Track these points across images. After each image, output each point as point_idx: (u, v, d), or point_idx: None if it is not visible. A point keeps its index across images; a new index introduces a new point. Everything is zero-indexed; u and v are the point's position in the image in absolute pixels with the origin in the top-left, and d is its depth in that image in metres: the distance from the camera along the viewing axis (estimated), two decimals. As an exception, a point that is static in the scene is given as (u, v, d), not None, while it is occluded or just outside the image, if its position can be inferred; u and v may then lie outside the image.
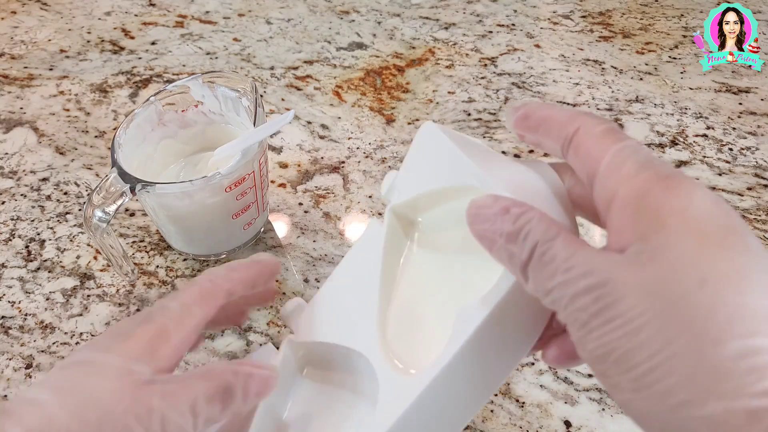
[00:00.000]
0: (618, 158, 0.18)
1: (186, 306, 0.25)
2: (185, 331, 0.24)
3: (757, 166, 0.56)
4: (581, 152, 0.19)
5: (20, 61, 0.68)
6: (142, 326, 0.24)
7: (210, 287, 0.27)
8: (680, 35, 0.75)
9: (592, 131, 0.19)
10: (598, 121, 0.19)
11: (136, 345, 0.23)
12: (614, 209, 0.17)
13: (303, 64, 0.68)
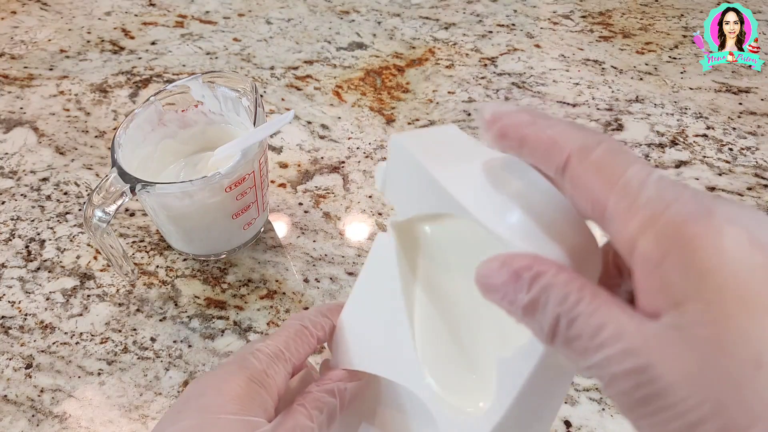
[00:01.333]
0: (625, 201, 0.15)
1: (278, 351, 0.26)
2: (281, 377, 0.25)
3: (757, 166, 0.56)
4: (579, 187, 0.16)
5: (20, 61, 0.68)
6: (241, 376, 0.24)
7: (301, 332, 0.27)
8: (680, 35, 0.75)
9: (586, 159, 0.16)
10: (589, 143, 0.16)
11: (244, 398, 0.23)
12: (637, 266, 0.15)
13: (303, 64, 0.68)
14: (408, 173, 0.21)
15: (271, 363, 0.25)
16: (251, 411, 0.23)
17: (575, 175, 0.16)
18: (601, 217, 0.16)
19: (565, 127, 0.17)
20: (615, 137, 0.59)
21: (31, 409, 0.39)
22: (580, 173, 0.16)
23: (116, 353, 0.42)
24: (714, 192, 0.53)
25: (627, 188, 0.15)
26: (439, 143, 0.21)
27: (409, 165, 0.21)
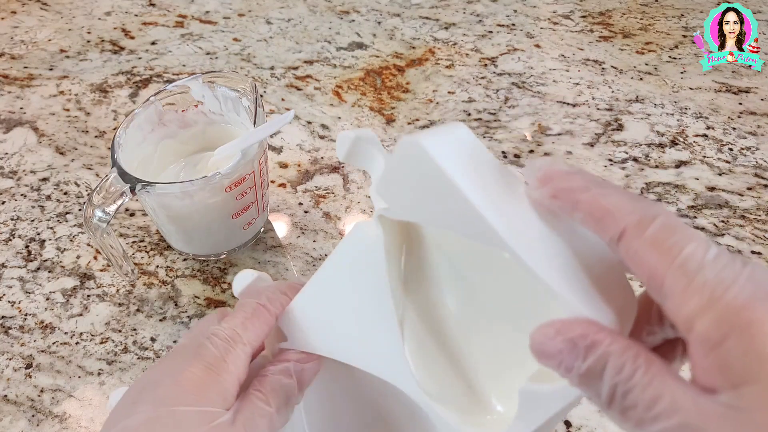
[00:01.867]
0: (683, 280, 0.15)
1: (235, 335, 0.24)
2: (240, 362, 0.24)
3: (757, 166, 0.56)
4: (635, 261, 0.17)
5: (20, 61, 0.68)
6: (197, 365, 0.23)
7: (259, 311, 0.26)
8: (680, 35, 0.75)
9: (642, 234, 0.16)
10: (646, 216, 0.17)
11: (201, 387, 0.22)
12: (695, 344, 0.15)
13: (303, 64, 0.68)
14: (426, 183, 0.19)
15: (229, 348, 0.24)
16: (209, 401, 0.22)
17: (631, 249, 0.17)
18: (657, 291, 0.16)
19: (620, 198, 0.17)
20: (615, 137, 0.59)
21: (31, 409, 0.39)
22: (636, 247, 0.16)
23: (116, 353, 0.42)
24: (714, 192, 0.54)
25: (684, 267, 0.15)
26: (464, 155, 0.20)
27: (430, 176, 0.19)
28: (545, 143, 0.58)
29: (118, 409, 0.22)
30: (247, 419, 0.23)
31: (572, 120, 0.61)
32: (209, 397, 0.22)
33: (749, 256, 0.48)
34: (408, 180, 0.20)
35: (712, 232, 0.50)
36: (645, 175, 0.55)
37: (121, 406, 0.23)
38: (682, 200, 0.53)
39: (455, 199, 0.18)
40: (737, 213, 0.51)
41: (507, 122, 0.61)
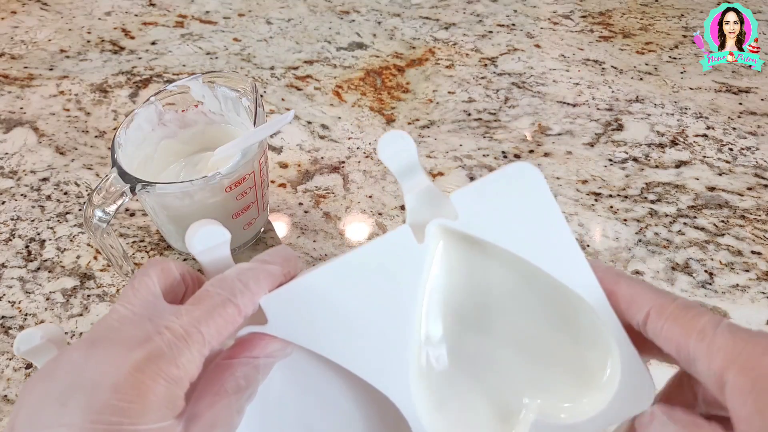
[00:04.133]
0: (706, 340, 0.18)
1: (194, 332, 0.20)
2: (195, 366, 0.20)
3: (757, 166, 0.56)
4: (663, 336, 0.20)
5: (20, 61, 0.68)
6: (145, 368, 0.19)
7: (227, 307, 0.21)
8: (680, 35, 0.75)
9: (665, 312, 0.20)
10: (665, 300, 0.20)
11: (147, 396, 0.18)
12: (731, 396, 0.17)
13: (303, 64, 0.68)
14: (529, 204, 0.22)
15: (184, 349, 0.19)
16: (155, 415, 0.18)
17: (656, 326, 0.20)
18: (686, 358, 0.19)
19: (641, 288, 0.21)
20: (615, 137, 0.59)
21: (31, 409, 0.39)
22: (661, 324, 0.20)
23: (116, 353, 0.42)
24: (714, 192, 0.54)
25: (704, 333, 0.19)
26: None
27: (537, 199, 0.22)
28: (545, 143, 0.58)
29: (42, 402, 0.18)
30: (206, 428, 0.20)
31: (572, 120, 0.61)
32: (155, 410, 0.18)
33: (749, 257, 0.48)
34: (508, 198, 0.22)
35: (712, 232, 0.50)
36: (645, 175, 0.55)
37: (47, 400, 0.18)
38: (682, 200, 0.53)
39: (553, 223, 0.22)
40: (737, 213, 0.51)
41: (507, 122, 0.61)
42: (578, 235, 0.49)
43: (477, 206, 0.23)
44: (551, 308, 0.24)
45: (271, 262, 0.23)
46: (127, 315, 0.21)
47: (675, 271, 0.46)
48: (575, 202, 0.52)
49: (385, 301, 0.23)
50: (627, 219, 0.51)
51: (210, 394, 0.21)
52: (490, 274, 0.25)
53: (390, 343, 0.23)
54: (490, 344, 0.25)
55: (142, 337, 0.20)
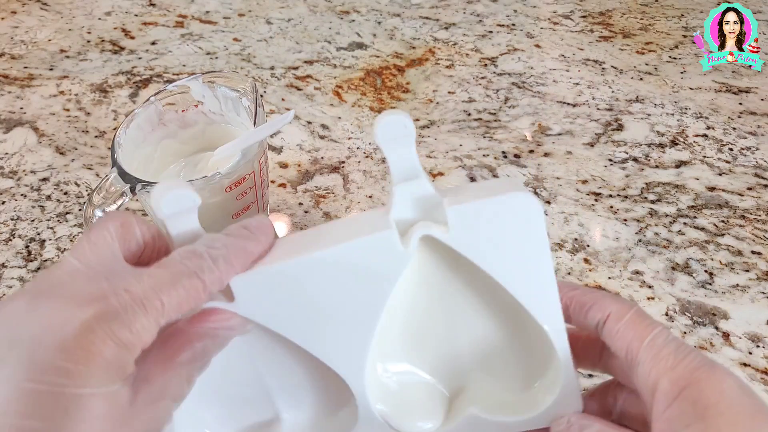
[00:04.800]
0: (653, 349, 0.21)
1: (155, 301, 0.19)
2: (149, 335, 0.19)
3: (757, 166, 0.56)
4: (617, 337, 0.22)
5: (20, 61, 0.68)
6: (96, 329, 0.17)
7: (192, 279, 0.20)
8: (680, 35, 0.75)
9: (623, 317, 0.22)
10: (623, 307, 0.23)
11: (93, 357, 0.17)
12: (659, 400, 0.20)
13: (303, 64, 0.68)
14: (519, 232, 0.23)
15: (141, 314, 0.18)
16: (103, 379, 0.17)
17: (613, 328, 0.22)
18: (631, 361, 0.22)
19: (604, 295, 0.24)
20: (615, 137, 0.59)
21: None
22: (618, 328, 0.22)
23: (116, 353, 0.42)
24: (714, 192, 0.54)
25: (654, 341, 0.21)
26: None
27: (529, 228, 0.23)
28: (545, 143, 0.58)
29: None
30: (154, 399, 0.19)
31: (572, 120, 0.61)
32: (102, 373, 0.17)
33: (749, 256, 0.48)
34: (503, 224, 0.22)
35: (712, 232, 0.50)
36: (645, 175, 0.55)
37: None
38: (682, 200, 0.53)
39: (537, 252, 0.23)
40: (737, 213, 0.51)
41: (507, 122, 0.61)
42: (578, 235, 0.49)
43: (471, 225, 0.23)
44: (508, 328, 0.26)
45: (247, 237, 0.22)
46: (80, 269, 0.19)
47: (675, 271, 0.46)
48: (575, 202, 0.52)
49: (357, 298, 0.23)
50: (627, 219, 0.51)
51: (162, 361, 0.20)
52: (456, 286, 0.26)
53: (353, 336, 0.24)
54: (446, 344, 0.27)
55: (95, 295, 0.18)
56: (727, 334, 0.42)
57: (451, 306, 0.26)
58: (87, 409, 0.17)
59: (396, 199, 0.23)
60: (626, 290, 0.45)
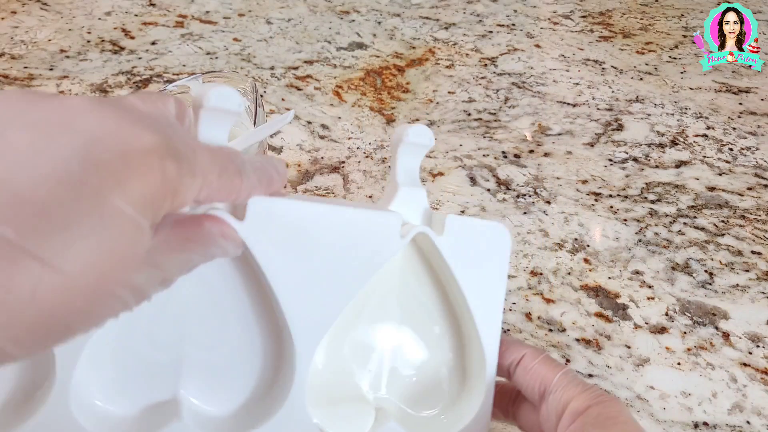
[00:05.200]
0: (563, 381, 0.25)
1: (204, 167, 0.18)
2: (187, 197, 0.17)
3: (757, 166, 0.56)
4: (532, 372, 0.26)
5: (20, 61, 0.68)
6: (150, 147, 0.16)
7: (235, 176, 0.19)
8: (680, 35, 0.75)
9: (536, 358, 0.27)
10: (537, 350, 0.27)
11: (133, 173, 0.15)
12: (565, 418, 0.24)
13: (303, 64, 0.68)
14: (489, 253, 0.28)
15: (191, 175, 0.17)
16: (142, 207, 0.15)
17: (528, 365, 0.27)
18: (544, 391, 0.26)
19: (518, 340, 0.29)
20: (615, 137, 0.59)
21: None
22: (533, 365, 0.27)
23: (116, 353, 0.42)
24: (714, 192, 0.54)
25: (566, 376, 0.26)
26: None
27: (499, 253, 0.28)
28: (545, 143, 0.58)
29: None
30: (170, 256, 0.18)
31: (572, 120, 0.61)
32: (142, 200, 0.15)
33: (749, 256, 0.48)
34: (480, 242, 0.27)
35: (712, 232, 0.50)
36: (645, 175, 0.55)
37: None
38: (682, 200, 0.53)
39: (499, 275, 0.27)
40: (737, 213, 0.51)
41: (507, 122, 0.61)
42: (578, 235, 0.49)
43: (460, 235, 0.26)
44: (448, 346, 0.29)
45: (275, 167, 0.22)
46: (143, 108, 0.18)
47: (675, 271, 0.46)
48: (575, 202, 0.52)
49: (348, 264, 0.24)
50: (627, 219, 0.51)
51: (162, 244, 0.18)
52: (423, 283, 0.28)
53: (327, 302, 0.24)
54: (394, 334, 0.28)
55: (160, 131, 0.17)
56: (727, 334, 0.42)
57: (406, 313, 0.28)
58: (113, 221, 0.15)
59: (399, 196, 0.26)
60: (626, 290, 0.45)
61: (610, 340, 0.41)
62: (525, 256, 0.47)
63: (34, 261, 0.14)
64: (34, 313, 0.14)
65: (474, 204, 0.51)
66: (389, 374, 0.28)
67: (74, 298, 0.14)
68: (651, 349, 0.41)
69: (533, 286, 0.45)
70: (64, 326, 0.15)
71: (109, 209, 0.15)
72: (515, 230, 0.49)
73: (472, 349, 0.28)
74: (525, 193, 0.53)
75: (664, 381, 0.39)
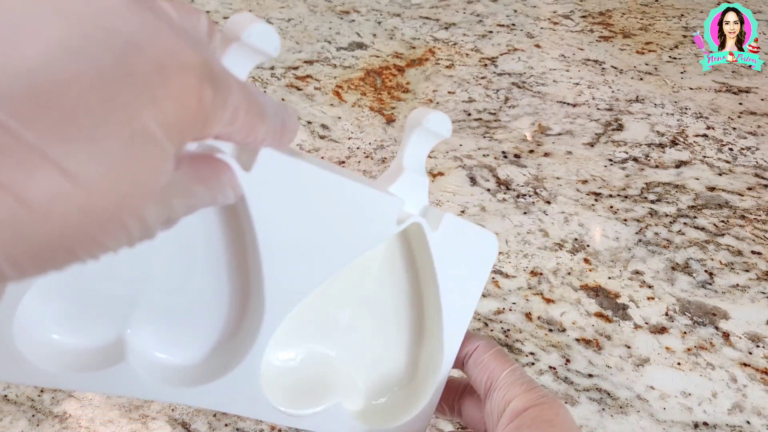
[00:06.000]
0: (509, 379, 0.26)
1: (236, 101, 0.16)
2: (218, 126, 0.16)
3: (757, 166, 0.56)
4: (482, 365, 0.27)
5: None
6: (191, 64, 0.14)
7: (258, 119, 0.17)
8: (680, 35, 0.75)
9: (487, 351, 0.27)
10: (490, 343, 0.28)
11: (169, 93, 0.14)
12: (505, 416, 0.25)
13: (303, 64, 0.68)
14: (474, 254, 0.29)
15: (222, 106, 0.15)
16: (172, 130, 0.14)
17: (479, 358, 0.27)
18: (490, 386, 0.26)
19: (475, 334, 0.29)
20: (615, 137, 0.59)
21: (31, 409, 0.39)
22: (483, 359, 0.27)
23: (116, 353, 0.42)
24: (714, 192, 0.54)
25: (512, 374, 0.26)
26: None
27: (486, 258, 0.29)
28: (545, 143, 0.58)
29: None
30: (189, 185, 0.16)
31: (572, 120, 0.61)
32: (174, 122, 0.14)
33: (749, 256, 0.48)
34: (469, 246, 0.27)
35: (712, 232, 0.50)
36: (645, 175, 0.55)
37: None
38: (682, 200, 0.53)
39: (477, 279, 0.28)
40: (737, 213, 0.51)
41: (507, 122, 0.61)
42: (578, 235, 0.49)
43: (452, 235, 0.26)
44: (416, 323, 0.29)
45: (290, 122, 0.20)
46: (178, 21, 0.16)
47: (675, 271, 0.46)
48: (575, 202, 0.52)
49: (339, 238, 0.24)
50: (627, 219, 0.51)
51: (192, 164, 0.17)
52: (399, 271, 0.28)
53: (309, 272, 0.24)
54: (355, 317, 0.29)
55: (198, 48, 0.15)
56: (727, 334, 0.42)
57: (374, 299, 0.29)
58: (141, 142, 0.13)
59: (402, 180, 0.25)
60: (626, 290, 0.45)
61: (610, 340, 0.41)
62: (525, 256, 0.47)
63: (55, 169, 0.12)
64: (45, 231, 0.12)
65: (474, 204, 0.51)
66: (345, 355, 0.28)
67: (88, 220, 0.13)
68: (651, 349, 0.41)
69: (533, 286, 0.45)
70: (68, 251, 0.13)
71: (139, 128, 0.13)
72: (515, 230, 0.49)
73: (429, 347, 0.29)
74: (525, 193, 0.53)
75: (664, 381, 0.39)
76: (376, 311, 0.29)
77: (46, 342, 0.22)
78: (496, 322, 0.42)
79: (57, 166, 0.12)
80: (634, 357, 0.40)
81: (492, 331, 0.41)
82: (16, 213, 0.12)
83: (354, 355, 0.28)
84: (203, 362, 0.24)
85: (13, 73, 0.12)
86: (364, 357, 0.29)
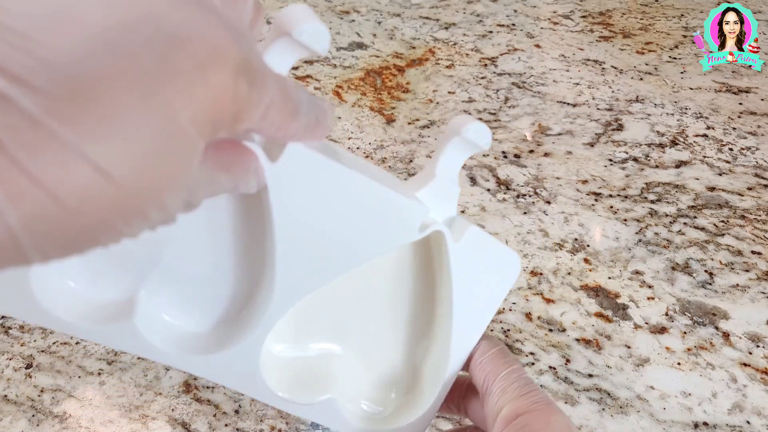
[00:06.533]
0: (505, 382, 0.25)
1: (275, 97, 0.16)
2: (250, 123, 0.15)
3: (757, 166, 0.56)
4: (480, 368, 0.27)
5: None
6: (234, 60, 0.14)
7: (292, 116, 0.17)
8: (680, 35, 0.75)
9: (487, 352, 0.27)
10: (491, 343, 0.27)
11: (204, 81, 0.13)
12: (497, 424, 0.24)
13: (303, 64, 0.68)
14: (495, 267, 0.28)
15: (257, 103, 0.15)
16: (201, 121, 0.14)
17: (477, 360, 0.27)
18: (487, 388, 0.26)
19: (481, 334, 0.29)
20: (615, 137, 0.59)
21: (31, 409, 0.39)
22: (482, 360, 0.27)
23: (116, 353, 0.42)
24: (714, 192, 0.54)
25: (508, 377, 0.25)
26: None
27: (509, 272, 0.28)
28: (545, 143, 0.58)
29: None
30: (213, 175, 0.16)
31: (572, 120, 0.61)
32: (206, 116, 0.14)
33: (749, 256, 0.48)
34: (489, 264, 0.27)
35: (712, 232, 0.50)
36: (645, 175, 0.55)
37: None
38: (682, 200, 0.53)
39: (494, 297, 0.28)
40: (737, 213, 0.52)
41: (507, 122, 0.61)
42: (578, 235, 0.49)
43: (474, 249, 0.26)
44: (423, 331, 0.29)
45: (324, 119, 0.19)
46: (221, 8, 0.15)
47: (675, 271, 0.46)
48: (575, 202, 0.52)
49: (355, 239, 0.23)
50: (627, 219, 0.51)
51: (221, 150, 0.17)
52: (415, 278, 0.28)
53: (320, 267, 0.24)
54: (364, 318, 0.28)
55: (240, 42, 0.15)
56: (727, 334, 0.42)
57: (384, 302, 0.28)
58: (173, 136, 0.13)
59: (432, 186, 0.25)
60: (626, 290, 0.45)
61: (610, 340, 0.41)
62: (525, 256, 0.47)
63: (90, 167, 0.12)
64: (75, 224, 0.12)
65: (474, 204, 0.51)
66: (350, 354, 0.28)
67: (114, 211, 0.13)
68: (651, 349, 0.41)
69: (533, 286, 0.45)
70: (91, 239, 0.13)
71: (174, 124, 0.13)
72: (515, 230, 0.49)
73: (435, 357, 0.28)
74: (525, 193, 0.53)
75: (664, 381, 0.39)
76: (386, 313, 0.28)
77: (61, 288, 0.22)
78: (496, 322, 0.42)
79: (93, 164, 0.12)
80: (634, 357, 0.40)
81: (492, 331, 0.41)
82: (49, 209, 0.12)
83: (359, 354, 0.28)
84: (208, 333, 0.25)
85: (53, 65, 0.11)
86: (369, 357, 0.28)
